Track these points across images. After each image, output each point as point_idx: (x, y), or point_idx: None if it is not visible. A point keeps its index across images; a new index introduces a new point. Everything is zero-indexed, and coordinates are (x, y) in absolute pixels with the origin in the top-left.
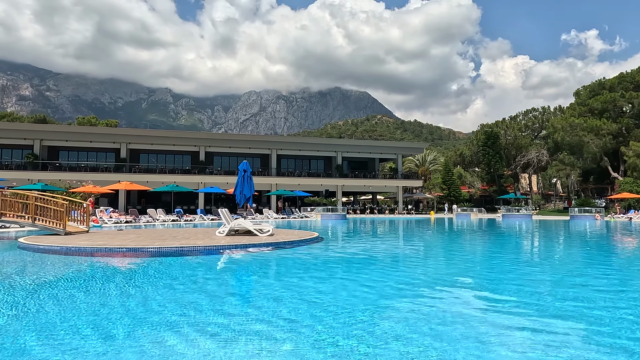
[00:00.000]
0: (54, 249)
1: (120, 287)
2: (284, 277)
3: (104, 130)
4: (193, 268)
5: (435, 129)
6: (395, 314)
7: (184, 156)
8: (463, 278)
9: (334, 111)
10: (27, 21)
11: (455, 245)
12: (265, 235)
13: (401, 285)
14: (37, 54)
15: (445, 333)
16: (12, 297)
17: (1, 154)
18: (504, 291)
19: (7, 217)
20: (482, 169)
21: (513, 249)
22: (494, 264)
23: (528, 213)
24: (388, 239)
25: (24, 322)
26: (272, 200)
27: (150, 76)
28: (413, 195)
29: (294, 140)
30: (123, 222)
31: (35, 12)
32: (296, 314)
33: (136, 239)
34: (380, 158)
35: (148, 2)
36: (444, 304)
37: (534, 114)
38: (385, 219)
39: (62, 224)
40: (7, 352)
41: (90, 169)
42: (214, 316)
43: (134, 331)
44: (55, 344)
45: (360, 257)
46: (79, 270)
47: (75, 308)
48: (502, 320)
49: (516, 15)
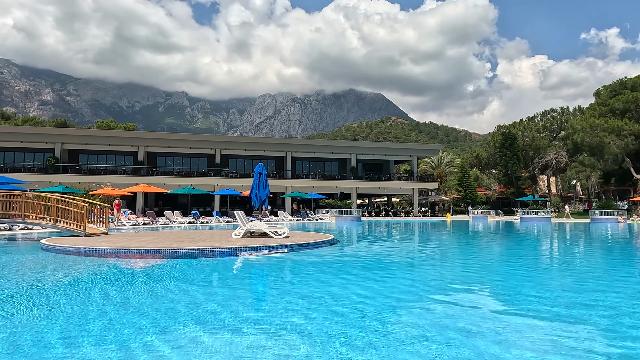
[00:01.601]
0: (74, 250)
1: (147, 286)
2: (303, 279)
3: (122, 134)
4: (217, 269)
5: (450, 131)
6: (413, 317)
7: (200, 159)
8: (481, 281)
9: (349, 113)
10: (49, 28)
11: (474, 249)
12: (280, 237)
13: (418, 287)
14: (58, 59)
15: (468, 338)
16: (46, 297)
17: (24, 157)
18: (531, 297)
19: (30, 219)
20: (499, 170)
21: (538, 253)
22: (516, 268)
23: (547, 216)
24: (404, 241)
25: (64, 320)
26: (287, 203)
27: (166, 80)
28: (428, 198)
29: (308, 142)
30: (141, 224)
31: (56, 19)
32: (317, 315)
33: (154, 240)
34: (395, 160)
35: (165, 7)
36: (462, 309)
37: (553, 114)
38: (401, 221)
39: (82, 225)
40: (43, 348)
41: (109, 172)
42: (245, 314)
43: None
44: (101, 340)
45: (376, 259)
46: (100, 270)
47: (102, 306)
48: (528, 324)
49: (534, 14)
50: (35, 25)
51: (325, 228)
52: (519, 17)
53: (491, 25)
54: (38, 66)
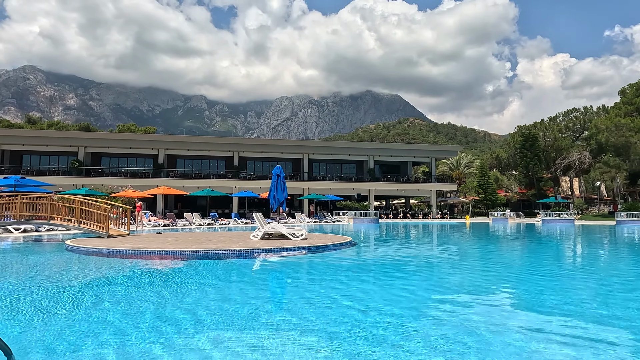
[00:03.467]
0: (98, 251)
1: (175, 285)
2: (325, 281)
3: (143, 137)
4: (238, 270)
5: (469, 132)
6: (434, 322)
7: (219, 161)
8: (504, 285)
9: (366, 115)
10: (73, 34)
11: (496, 251)
12: (298, 239)
13: (438, 290)
14: (81, 65)
15: (488, 344)
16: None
17: (49, 160)
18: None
19: (56, 221)
20: (519, 172)
21: (565, 257)
22: (542, 272)
23: (570, 218)
24: (423, 244)
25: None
26: (304, 205)
27: (186, 84)
28: (447, 199)
29: (325, 144)
30: (161, 226)
31: (80, 26)
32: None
33: (174, 241)
34: (413, 162)
35: (184, 12)
36: (481, 314)
37: (575, 114)
38: (419, 223)
39: (105, 227)
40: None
41: (130, 175)
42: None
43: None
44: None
45: (394, 261)
46: (125, 270)
47: (132, 305)
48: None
49: (556, 12)
50: (60, 32)
51: (342, 230)
52: (541, 15)
53: (511, 24)
54: (62, 72)
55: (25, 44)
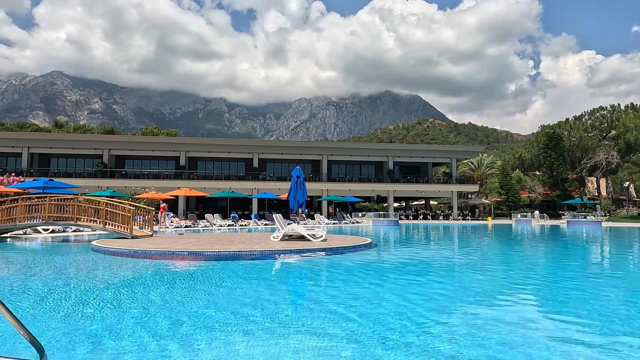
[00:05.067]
0: (122, 252)
1: (203, 285)
2: (347, 282)
3: (165, 140)
4: (259, 271)
5: (491, 132)
6: (452, 325)
7: (239, 163)
8: (529, 289)
9: (384, 115)
10: (98, 40)
11: (519, 254)
12: (318, 240)
13: (460, 293)
14: (105, 70)
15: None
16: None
17: (75, 163)
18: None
19: (82, 222)
20: (543, 172)
21: (597, 261)
22: (574, 277)
23: (597, 219)
24: (444, 245)
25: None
26: (323, 206)
27: (206, 87)
28: (468, 201)
29: (344, 145)
30: (183, 227)
31: (105, 31)
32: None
33: (196, 242)
34: (433, 162)
35: (205, 16)
36: (506, 319)
37: (602, 112)
38: (440, 224)
39: (129, 228)
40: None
41: (153, 176)
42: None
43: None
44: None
45: (416, 264)
46: (152, 271)
47: (158, 303)
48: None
49: (582, 8)
50: (86, 38)
51: (362, 231)
52: (566, 11)
53: (535, 21)
54: (87, 77)
55: (53, 50)
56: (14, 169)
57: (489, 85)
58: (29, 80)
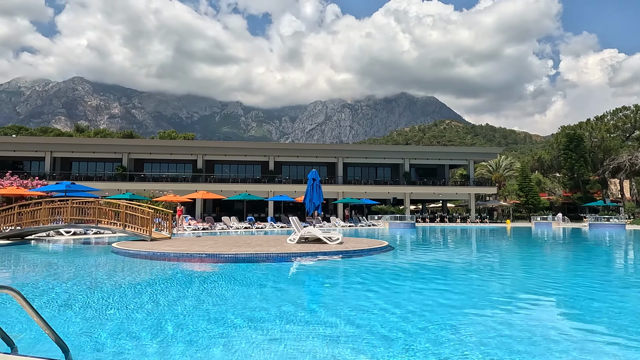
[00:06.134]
0: (142, 254)
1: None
2: (366, 285)
3: (182, 143)
4: (277, 273)
5: (509, 133)
6: (472, 328)
7: (255, 166)
8: (552, 294)
9: (400, 117)
10: (117, 46)
11: (539, 258)
12: (334, 243)
13: (480, 296)
14: (124, 75)
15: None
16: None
17: (95, 166)
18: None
19: (103, 224)
20: (563, 174)
21: (618, 267)
22: (598, 284)
23: (620, 222)
24: (462, 249)
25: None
26: (339, 209)
27: (222, 91)
28: (487, 203)
29: (360, 148)
30: (200, 229)
31: (124, 37)
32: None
33: (213, 245)
34: (450, 164)
35: (221, 20)
36: (527, 325)
37: (625, 112)
38: (457, 227)
39: (148, 230)
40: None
41: (171, 179)
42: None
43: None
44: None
45: (433, 267)
46: (171, 272)
47: (180, 303)
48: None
49: (604, 5)
50: (106, 44)
51: (378, 234)
52: (587, 9)
53: (554, 20)
54: (107, 82)
55: (74, 56)
56: (37, 173)
57: (507, 85)
58: (52, 87)
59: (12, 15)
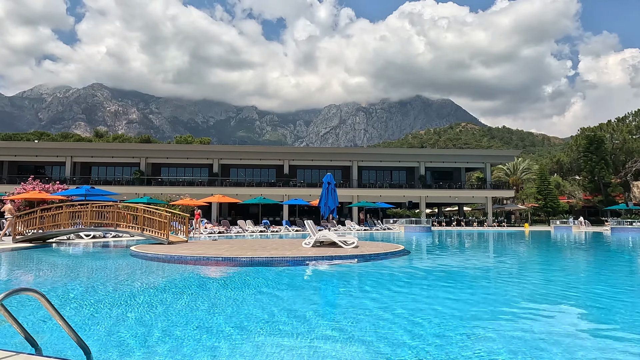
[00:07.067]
0: (159, 257)
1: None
2: (385, 289)
3: (198, 148)
4: (293, 277)
5: (526, 135)
6: (490, 334)
7: (270, 170)
8: (573, 300)
9: (415, 120)
10: (135, 52)
11: (558, 262)
12: (350, 247)
13: (499, 302)
14: (142, 81)
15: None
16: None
17: (114, 171)
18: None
19: (121, 228)
20: (583, 177)
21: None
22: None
23: None
24: (480, 253)
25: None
26: (354, 212)
27: (238, 95)
28: (504, 207)
29: (375, 151)
30: (216, 233)
31: (142, 44)
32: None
33: (230, 248)
34: (466, 167)
35: (236, 26)
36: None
37: None
38: (474, 231)
39: (165, 234)
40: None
41: (187, 183)
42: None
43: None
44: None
45: (451, 271)
46: (189, 275)
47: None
48: None
49: (625, 4)
50: (124, 51)
51: (393, 238)
52: (607, 9)
53: (573, 20)
54: (125, 88)
55: (94, 63)
56: (58, 177)
57: (524, 87)
58: (72, 93)
59: (35, 24)
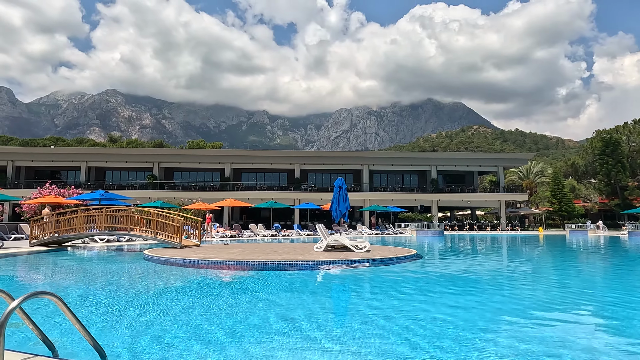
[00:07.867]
0: (172, 261)
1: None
2: (398, 294)
3: (210, 152)
4: (305, 281)
5: (540, 138)
6: (504, 341)
7: (281, 174)
8: (590, 305)
9: (427, 124)
10: (148, 58)
11: (574, 267)
12: (361, 251)
13: (515, 309)
14: (155, 86)
15: None
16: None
17: (128, 175)
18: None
19: (135, 232)
20: (599, 180)
21: None
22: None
23: None
24: (493, 257)
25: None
26: (365, 216)
27: (249, 100)
28: (518, 211)
29: (386, 155)
30: (228, 237)
31: (155, 50)
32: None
33: (242, 252)
34: (478, 171)
35: (248, 31)
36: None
37: None
38: (487, 235)
39: (178, 238)
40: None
41: (199, 188)
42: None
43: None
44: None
45: (464, 276)
46: (204, 279)
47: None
48: None
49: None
50: (138, 57)
51: (405, 242)
52: (622, 9)
53: (588, 21)
54: (139, 94)
55: (108, 69)
56: (73, 182)
57: (537, 90)
58: (87, 99)
59: (52, 32)
